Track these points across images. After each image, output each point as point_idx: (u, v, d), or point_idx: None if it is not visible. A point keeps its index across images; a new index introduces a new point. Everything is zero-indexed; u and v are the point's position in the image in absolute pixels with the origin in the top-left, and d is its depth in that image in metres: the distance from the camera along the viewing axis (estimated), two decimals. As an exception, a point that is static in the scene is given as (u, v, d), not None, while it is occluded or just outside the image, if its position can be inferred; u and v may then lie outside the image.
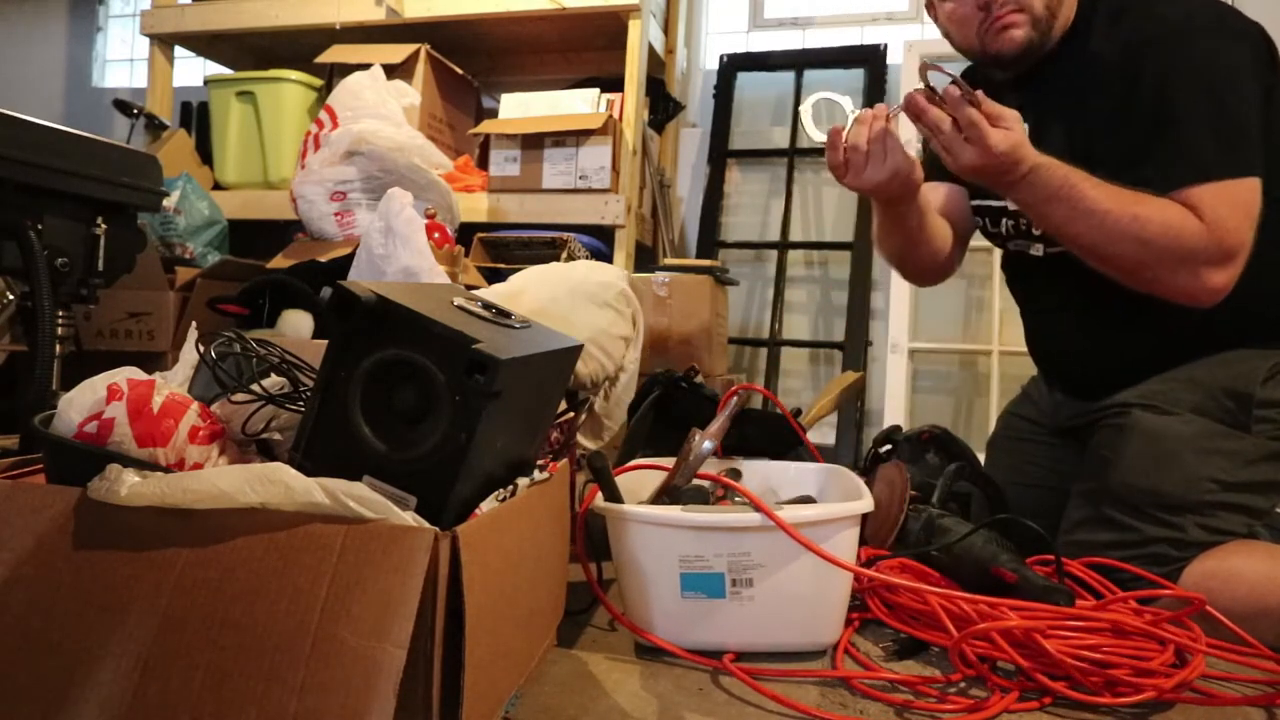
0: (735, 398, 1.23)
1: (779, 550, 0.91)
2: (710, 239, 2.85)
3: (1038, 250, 1.28)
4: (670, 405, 1.49)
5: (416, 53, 2.55)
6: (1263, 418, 1.11)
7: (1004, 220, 1.33)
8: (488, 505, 0.74)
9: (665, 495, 1.10)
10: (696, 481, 1.12)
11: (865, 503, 0.97)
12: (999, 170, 1.05)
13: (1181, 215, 1.05)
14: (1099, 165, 1.10)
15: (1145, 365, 1.19)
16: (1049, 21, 1.19)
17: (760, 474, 1.24)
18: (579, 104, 2.57)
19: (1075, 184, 1.06)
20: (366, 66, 2.01)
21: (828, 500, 1.16)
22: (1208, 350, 1.16)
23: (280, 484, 0.65)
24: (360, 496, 0.65)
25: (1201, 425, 1.11)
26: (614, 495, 0.99)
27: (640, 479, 1.16)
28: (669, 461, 1.15)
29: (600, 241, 2.44)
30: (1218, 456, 1.09)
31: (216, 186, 2.72)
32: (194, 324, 1.05)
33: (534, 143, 2.45)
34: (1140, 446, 1.12)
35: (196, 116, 3.09)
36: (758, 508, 0.90)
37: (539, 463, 0.90)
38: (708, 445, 1.13)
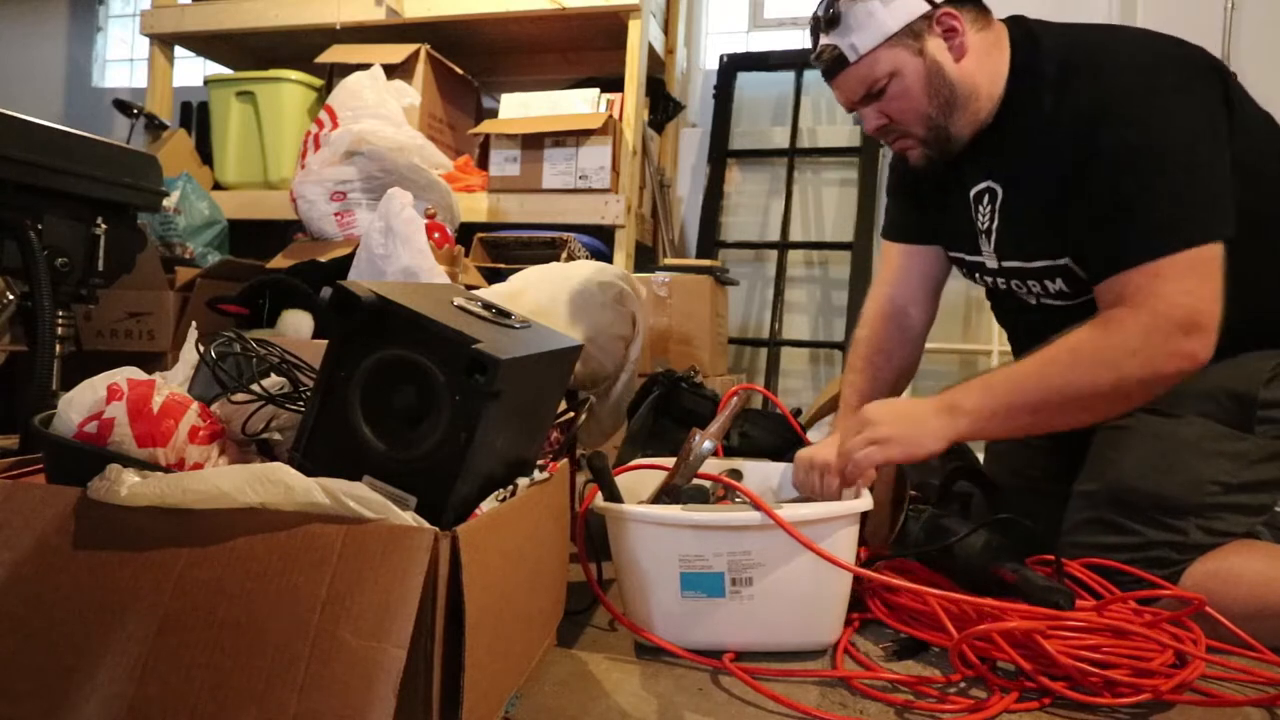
0: (736, 397, 1.23)
1: (778, 549, 0.91)
2: (710, 239, 2.85)
3: (1031, 299, 1.26)
4: (670, 405, 1.49)
5: (416, 53, 2.55)
6: (1266, 418, 1.11)
7: (979, 275, 1.32)
8: (488, 505, 0.74)
9: (665, 495, 1.10)
10: (697, 481, 1.12)
11: (863, 502, 0.98)
12: (925, 436, 1.06)
13: (1100, 327, 1.04)
14: (1067, 223, 1.11)
15: None
16: (942, 131, 1.18)
17: (760, 474, 1.24)
18: (579, 104, 2.57)
19: (999, 388, 1.06)
20: (366, 66, 2.02)
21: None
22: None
23: (280, 484, 0.65)
24: (360, 496, 0.65)
25: (1204, 427, 1.11)
26: (614, 495, 0.99)
27: (641, 479, 1.16)
28: (670, 461, 1.15)
29: (600, 241, 2.44)
30: (1221, 458, 1.09)
31: (216, 186, 2.72)
32: (194, 324, 1.05)
33: (534, 143, 2.45)
34: (1142, 449, 1.11)
35: (196, 116, 3.09)
36: (758, 507, 0.90)
37: (539, 463, 0.90)
38: (708, 445, 1.13)
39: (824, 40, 1.16)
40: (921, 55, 1.13)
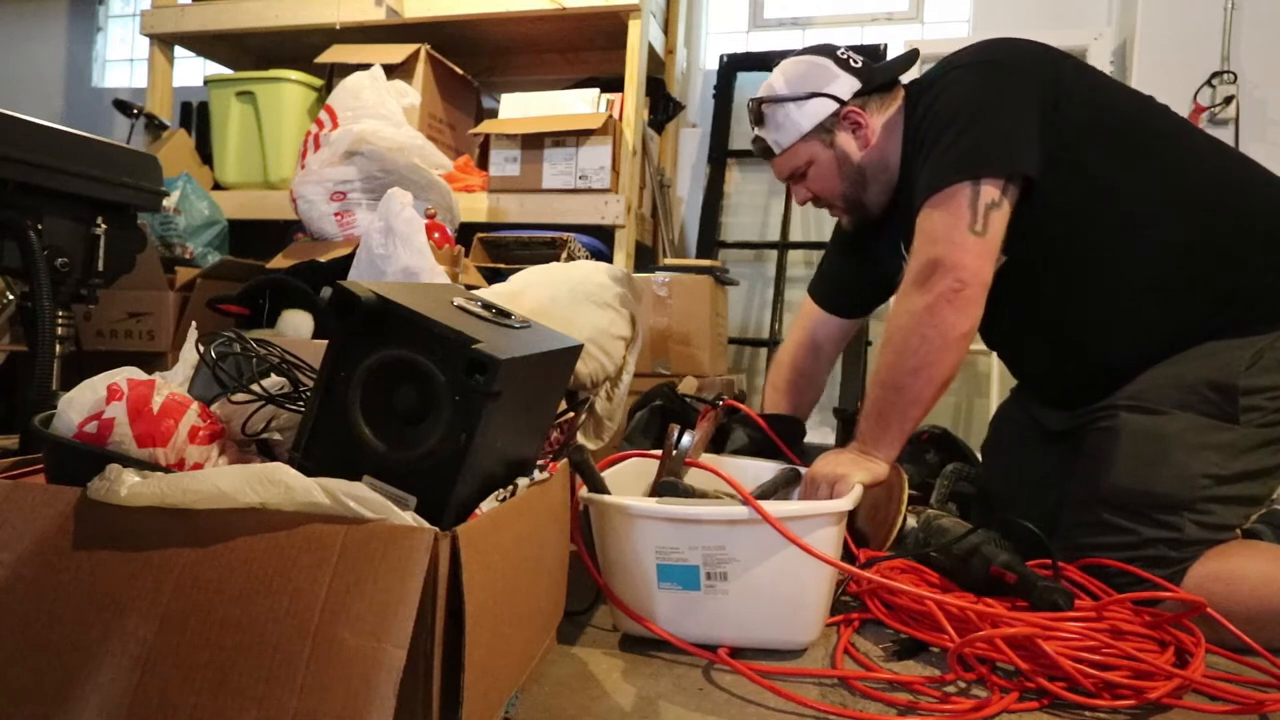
0: (709, 417, 1.30)
1: (754, 546, 0.92)
2: (710, 239, 2.85)
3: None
4: (673, 418, 1.52)
5: (416, 53, 2.55)
6: (1250, 406, 1.10)
7: None
8: (488, 505, 0.74)
9: (658, 490, 1.11)
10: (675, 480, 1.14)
11: (843, 502, 0.98)
12: (853, 464, 1.13)
13: (899, 316, 1.14)
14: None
15: (1127, 369, 1.18)
16: (857, 202, 1.35)
17: (753, 472, 1.24)
18: (579, 104, 2.57)
19: (868, 411, 1.17)
20: (366, 66, 2.01)
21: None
22: (1185, 344, 1.15)
23: (280, 484, 0.65)
24: (360, 496, 0.65)
25: (1189, 421, 1.10)
26: (597, 486, 1.00)
27: (640, 473, 1.17)
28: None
29: (600, 241, 2.44)
30: (1209, 451, 1.09)
31: (216, 186, 2.72)
32: (194, 324, 1.05)
33: (534, 143, 2.45)
34: (1130, 448, 1.11)
35: (196, 116, 3.09)
36: (744, 500, 0.91)
37: (539, 463, 0.90)
38: (687, 439, 1.15)
39: (756, 132, 1.37)
40: (832, 147, 1.32)
